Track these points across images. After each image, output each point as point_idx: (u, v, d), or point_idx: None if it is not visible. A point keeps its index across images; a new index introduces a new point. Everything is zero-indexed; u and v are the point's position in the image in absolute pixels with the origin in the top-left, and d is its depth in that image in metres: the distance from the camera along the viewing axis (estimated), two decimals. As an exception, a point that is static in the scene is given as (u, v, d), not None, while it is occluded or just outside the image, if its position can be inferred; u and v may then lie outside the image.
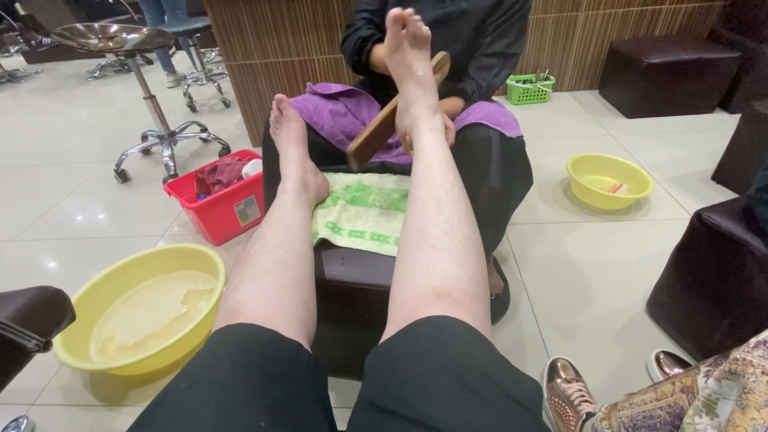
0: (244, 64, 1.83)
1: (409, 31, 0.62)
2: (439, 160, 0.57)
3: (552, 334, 1.00)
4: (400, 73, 0.66)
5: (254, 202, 1.42)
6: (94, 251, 1.46)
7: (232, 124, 2.41)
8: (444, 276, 0.44)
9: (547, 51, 2.22)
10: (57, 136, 2.50)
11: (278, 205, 0.68)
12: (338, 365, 0.90)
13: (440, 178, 0.54)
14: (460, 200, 0.52)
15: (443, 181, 0.54)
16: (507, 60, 0.89)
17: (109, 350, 1.03)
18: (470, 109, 0.84)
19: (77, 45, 1.58)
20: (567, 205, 1.45)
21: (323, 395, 0.45)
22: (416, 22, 0.62)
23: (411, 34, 0.63)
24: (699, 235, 0.83)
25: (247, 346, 0.41)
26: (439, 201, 0.51)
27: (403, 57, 0.64)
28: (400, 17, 0.61)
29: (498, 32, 0.88)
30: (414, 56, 0.64)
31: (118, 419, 0.91)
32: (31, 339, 0.54)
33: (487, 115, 0.76)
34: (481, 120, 0.75)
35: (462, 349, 0.38)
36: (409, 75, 0.64)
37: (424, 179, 0.55)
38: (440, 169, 0.55)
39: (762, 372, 0.45)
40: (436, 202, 0.51)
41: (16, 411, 0.93)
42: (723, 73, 1.85)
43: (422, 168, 0.56)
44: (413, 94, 0.64)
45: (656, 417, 0.59)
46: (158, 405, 0.36)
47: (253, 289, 0.50)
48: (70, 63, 4.24)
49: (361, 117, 0.99)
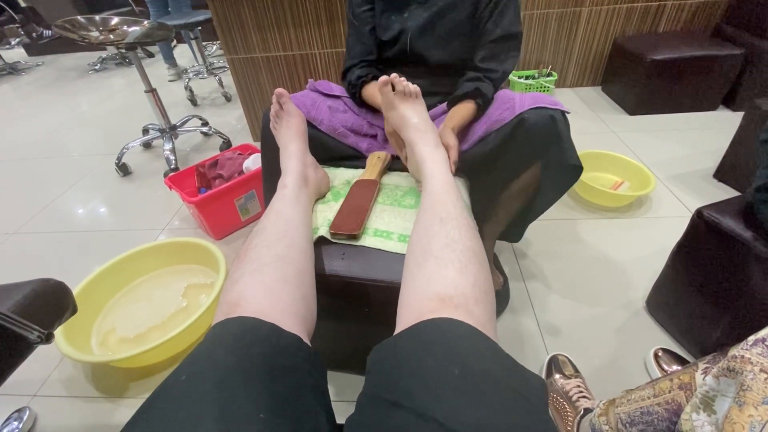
0: (245, 57, 1.82)
1: (397, 90, 0.74)
2: (442, 187, 0.63)
3: (551, 330, 1.00)
4: (398, 125, 0.77)
5: (255, 196, 1.42)
6: (95, 244, 1.46)
7: (233, 118, 2.40)
8: (446, 283, 0.46)
9: (550, 47, 2.21)
10: (58, 129, 2.50)
11: (278, 200, 0.68)
12: (337, 360, 0.90)
13: (443, 201, 0.60)
14: (462, 218, 0.57)
15: (446, 203, 0.59)
16: (513, 41, 0.87)
17: (111, 343, 1.04)
18: (502, 102, 0.82)
19: (78, 37, 1.57)
20: (568, 202, 1.44)
21: (323, 388, 0.46)
22: (402, 83, 0.74)
23: (400, 93, 0.75)
24: (700, 232, 0.83)
25: (247, 340, 0.41)
26: (442, 220, 0.56)
27: (397, 112, 0.76)
28: (387, 81, 0.73)
29: (496, 14, 0.86)
30: (406, 108, 0.75)
31: (119, 411, 0.92)
32: (33, 331, 0.54)
33: (535, 100, 0.77)
34: (535, 104, 0.76)
35: (466, 347, 0.39)
36: (406, 125, 0.75)
37: (429, 205, 0.61)
38: (443, 194, 0.62)
39: (760, 369, 0.45)
40: (440, 220, 0.56)
41: (18, 402, 0.94)
42: (727, 71, 1.84)
43: (428, 196, 0.63)
44: (414, 138, 0.73)
45: (654, 413, 0.59)
46: (159, 397, 0.37)
47: (253, 282, 0.50)
48: (71, 55, 4.23)
49: (361, 114, 0.99)
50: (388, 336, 0.45)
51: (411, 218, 0.76)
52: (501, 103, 0.83)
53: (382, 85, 0.74)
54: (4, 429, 0.87)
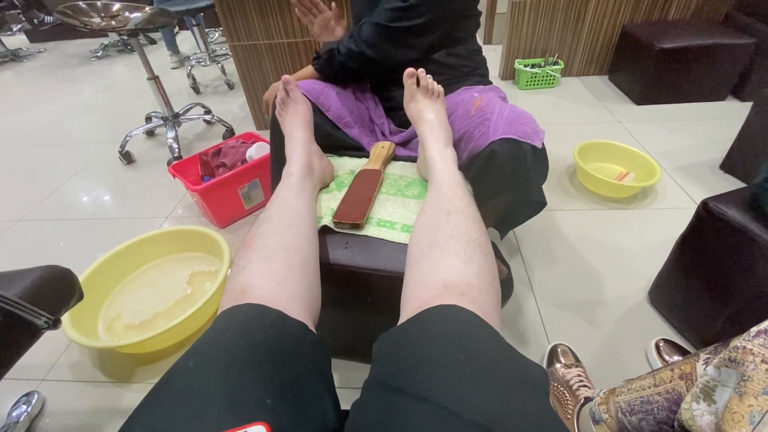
0: (247, 44, 1.80)
1: (421, 85, 0.78)
2: (449, 184, 0.64)
3: (553, 320, 1.01)
4: (414, 118, 0.78)
5: (258, 185, 1.42)
6: (100, 232, 1.47)
7: (236, 106, 2.39)
8: (452, 272, 0.47)
9: (556, 34, 2.18)
10: (61, 116, 2.49)
11: (284, 188, 0.68)
12: (341, 347, 0.91)
13: (449, 196, 0.61)
14: (468, 212, 0.57)
15: (452, 198, 0.60)
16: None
17: (117, 329, 1.05)
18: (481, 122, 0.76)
19: (79, 23, 1.56)
20: (572, 193, 1.44)
21: (327, 374, 0.46)
22: (426, 79, 0.77)
23: (423, 89, 0.78)
24: (705, 223, 0.83)
25: (253, 326, 0.42)
26: (449, 212, 0.57)
27: (417, 105, 0.78)
28: (413, 74, 0.76)
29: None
30: (425, 105, 0.77)
31: (127, 395, 0.93)
32: (40, 316, 0.55)
33: (510, 126, 0.72)
34: (506, 134, 0.71)
35: (469, 335, 0.39)
36: (422, 120, 0.76)
37: (435, 198, 0.62)
38: (449, 189, 0.62)
39: (762, 360, 0.45)
40: (446, 213, 0.57)
41: (27, 386, 0.96)
42: (737, 60, 1.80)
43: (435, 190, 0.64)
44: (426, 134, 0.75)
45: (654, 402, 0.60)
46: (167, 382, 0.37)
47: (260, 270, 0.50)
48: (73, 42, 4.20)
49: (366, 104, 0.98)
50: (391, 324, 0.45)
51: (414, 209, 0.76)
52: (479, 122, 0.76)
53: (408, 77, 0.76)
54: (13, 412, 0.89)
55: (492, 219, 0.94)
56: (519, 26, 2.17)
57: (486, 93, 0.85)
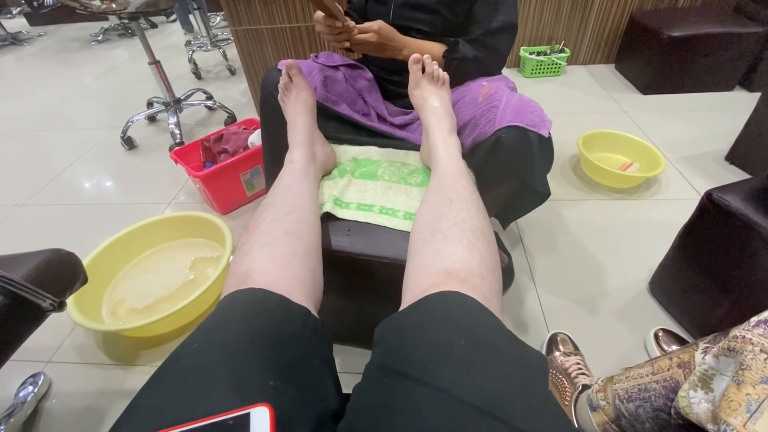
0: (249, 29, 1.78)
1: (426, 72, 0.77)
2: (453, 172, 0.64)
3: (553, 308, 1.01)
4: (419, 104, 0.78)
5: (260, 172, 1.42)
6: (103, 217, 1.48)
7: (238, 92, 2.37)
8: (454, 258, 0.47)
9: (563, 21, 2.14)
10: (62, 101, 2.48)
11: (286, 174, 0.68)
12: (343, 333, 0.92)
13: (452, 184, 0.60)
14: (471, 200, 0.57)
15: (455, 186, 0.60)
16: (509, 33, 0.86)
17: (121, 313, 1.06)
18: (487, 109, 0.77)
19: (79, 6, 1.54)
20: (576, 183, 1.43)
21: (329, 358, 0.47)
22: (432, 65, 0.76)
23: (428, 75, 0.77)
24: (708, 214, 0.83)
25: (257, 310, 0.42)
26: (451, 201, 0.57)
27: (421, 92, 0.77)
28: (419, 60, 0.75)
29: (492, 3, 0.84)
30: (430, 92, 0.76)
31: (131, 378, 0.95)
32: (45, 299, 0.55)
33: (517, 114, 0.72)
34: (513, 122, 0.71)
35: (471, 321, 0.39)
36: (427, 107, 0.76)
37: (438, 186, 0.62)
38: (453, 177, 0.62)
39: (761, 350, 0.45)
40: (449, 201, 0.57)
41: (33, 367, 0.98)
42: (746, 49, 1.77)
43: (438, 179, 0.64)
44: (430, 121, 0.74)
45: (651, 390, 0.60)
46: (171, 364, 0.38)
47: (263, 255, 0.51)
48: (73, 26, 4.15)
49: (357, 87, 0.98)
50: (392, 310, 0.46)
51: (417, 196, 0.76)
52: (486, 108, 0.77)
53: (413, 63, 0.75)
54: (20, 393, 0.90)
55: (494, 209, 0.94)
56: (525, 13, 2.13)
57: (495, 82, 0.85)
